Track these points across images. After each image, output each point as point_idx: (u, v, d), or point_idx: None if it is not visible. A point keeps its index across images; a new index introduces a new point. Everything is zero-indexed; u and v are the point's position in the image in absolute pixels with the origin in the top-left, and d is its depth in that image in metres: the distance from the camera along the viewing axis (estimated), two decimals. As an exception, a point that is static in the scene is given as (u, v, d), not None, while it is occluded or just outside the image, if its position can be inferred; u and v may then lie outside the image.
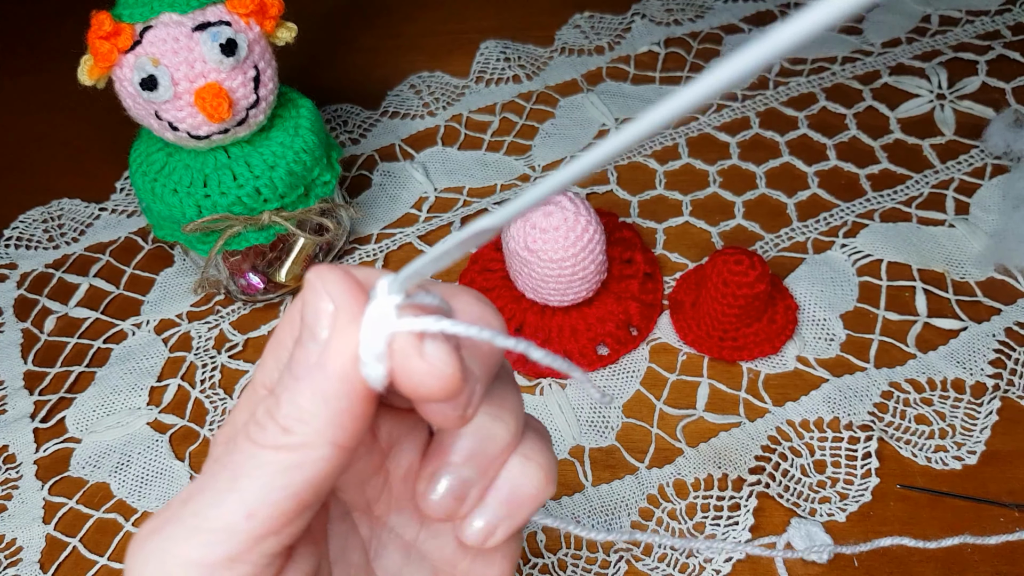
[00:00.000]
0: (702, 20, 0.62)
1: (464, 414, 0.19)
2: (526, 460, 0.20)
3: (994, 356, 0.43)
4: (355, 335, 0.17)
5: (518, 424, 0.20)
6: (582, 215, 0.40)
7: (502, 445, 0.20)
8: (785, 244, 0.49)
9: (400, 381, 0.17)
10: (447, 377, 0.17)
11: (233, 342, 0.47)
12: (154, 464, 0.43)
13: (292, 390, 0.17)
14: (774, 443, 0.41)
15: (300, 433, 0.17)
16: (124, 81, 0.39)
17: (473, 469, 0.20)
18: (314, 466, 0.17)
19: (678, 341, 0.45)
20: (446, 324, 0.17)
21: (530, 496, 0.20)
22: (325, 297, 0.17)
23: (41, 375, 0.47)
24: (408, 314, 0.17)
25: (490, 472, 0.20)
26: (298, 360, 0.17)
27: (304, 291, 0.18)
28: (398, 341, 0.17)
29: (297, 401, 0.17)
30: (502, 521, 0.20)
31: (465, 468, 0.20)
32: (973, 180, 0.51)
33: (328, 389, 0.17)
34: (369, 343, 0.17)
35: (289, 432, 0.17)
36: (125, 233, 0.53)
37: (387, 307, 0.17)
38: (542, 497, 0.21)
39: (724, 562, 0.37)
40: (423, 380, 0.17)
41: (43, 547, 0.40)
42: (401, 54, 0.62)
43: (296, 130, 0.43)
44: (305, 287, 0.18)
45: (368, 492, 0.22)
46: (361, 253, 0.50)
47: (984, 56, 0.57)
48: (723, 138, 0.54)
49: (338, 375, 0.17)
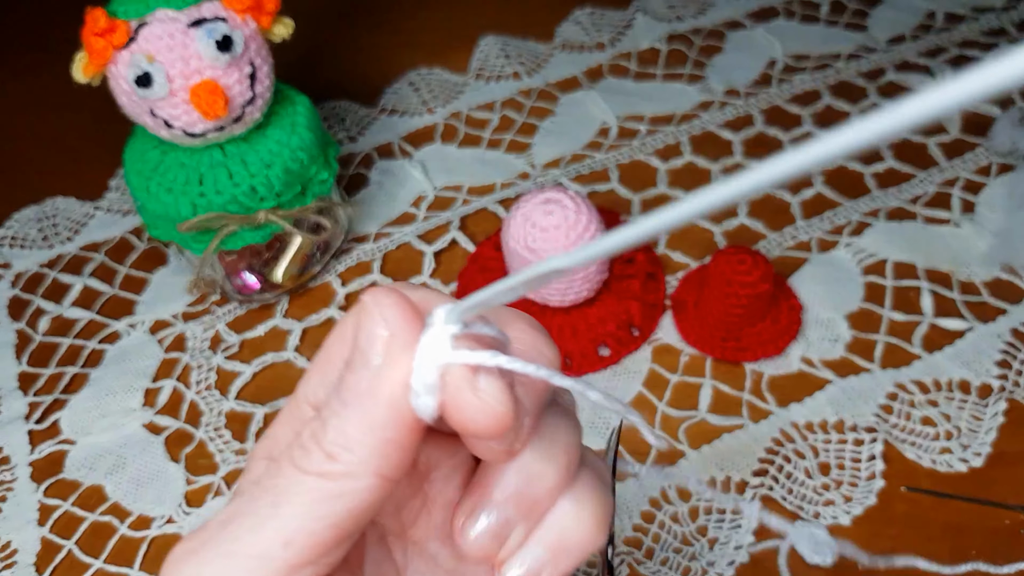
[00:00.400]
0: (704, 16, 0.61)
1: (511, 448, 0.18)
2: (578, 504, 0.19)
3: (1000, 357, 0.42)
4: (408, 364, 0.17)
5: (570, 463, 0.19)
6: (583, 214, 0.39)
7: (550, 485, 0.19)
8: (789, 243, 0.48)
9: (450, 415, 0.17)
10: (499, 415, 0.16)
11: (229, 343, 0.46)
12: (149, 466, 0.42)
13: (340, 416, 0.17)
14: (778, 445, 0.40)
15: (345, 462, 0.17)
16: (119, 78, 0.38)
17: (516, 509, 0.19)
18: (357, 496, 0.17)
19: (680, 341, 0.44)
20: (503, 360, 0.16)
21: (578, 544, 0.19)
22: (380, 322, 0.17)
23: (35, 376, 0.46)
24: (464, 345, 0.17)
25: (535, 514, 0.19)
26: (348, 385, 0.17)
27: (359, 314, 0.17)
28: (452, 374, 0.16)
29: (344, 428, 0.17)
30: (545, 567, 0.19)
31: (507, 507, 0.19)
32: (979, 178, 0.50)
33: (377, 418, 0.17)
34: (422, 373, 0.16)
35: (334, 459, 0.17)
36: (120, 232, 0.52)
37: (443, 337, 0.17)
38: (591, 546, 0.19)
39: (727, 565, 0.37)
40: (475, 417, 0.16)
41: (38, 550, 0.40)
42: (399, 50, 0.61)
43: (293, 128, 0.43)
44: (360, 310, 0.17)
45: (404, 516, 0.21)
46: (359, 252, 0.50)
47: (990, 53, 0.57)
48: (726, 136, 0.54)
49: (388, 404, 0.17)
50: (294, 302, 0.48)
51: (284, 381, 0.45)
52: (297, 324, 0.47)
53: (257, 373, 0.45)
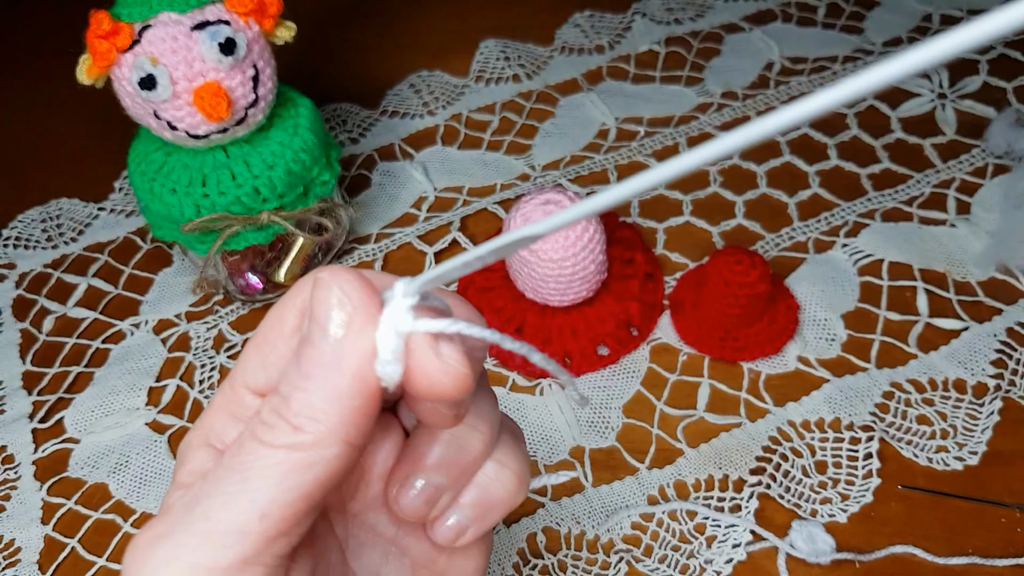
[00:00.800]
0: (703, 19, 0.62)
1: (459, 413, 0.19)
2: (500, 466, 0.21)
3: (995, 356, 0.43)
4: (371, 334, 0.17)
5: (492, 432, 0.21)
6: (582, 215, 0.39)
7: (475, 454, 0.20)
8: (786, 244, 0.48)
9: (415, 380, 0.18)
10: (462, 377, 0.17)
11: (232, 342, 0.47)
12: (153, 465, 0.42)
13: (303, 388, 0.17)
14: (775, 444, 0.40)
15: (312, 431, 0.17)
16: (123, 80, 0.38)
17: (445, 475, 0.20)
18: (326, 464, 0.17)
19: (679, 341, 0.45)
20: (462, 326, 0.17)
21: (501, 501, 0.21)
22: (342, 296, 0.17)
23: (39, 375, 0.47)
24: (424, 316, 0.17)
25: (463, 479, 0.21)
26: (308, 358, 0.17)
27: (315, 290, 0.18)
28: (416, 341, 0.17)
29: (309, 400, 0.17)
30: (473, 523, 0.21)
31: (438, 474, 0.20)
32: (974, 180, 0.51)
33: (342, 387, 0.17)
34: (388, 343, 0.17)
35: (301, 431, 0.17)
36: (124, 233, 0.53)
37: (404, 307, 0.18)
38: (514, 502, 0.21)
39: (725, 563, 0.37)
40: (441, 379, 0.17)
41: (41, 548, 0.40)
42: (400, 53, 0.62)
43: (295, 129, 0.43)
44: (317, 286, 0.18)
45: (343, 491, 0.22)
46: (360, 253, 0.50)
47: (985, 55, 0.57)
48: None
49: (354, 373, 0.17)
50: (296, 302, 0.48)
51: (286, 380, 0.45)
52: (299, 324, 0.47)
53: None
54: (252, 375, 0.20)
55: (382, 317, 0.18)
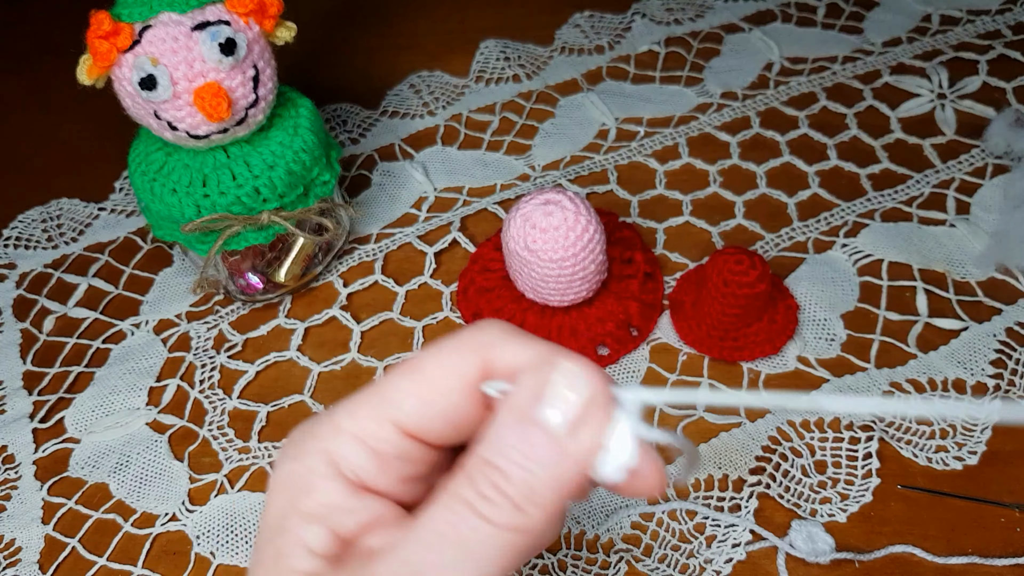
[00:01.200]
0: (702, 19, 0.62)
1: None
2: None
3: (995, 356, 0.43)
4: (601, 436, 0.19)
5: None
6: (582, 215, 0.40)
7: None
8: (786, 244, 0.48)
9: (635, 481, 0.19)
10: (664, 482, 0.20)
11: (232, 342, 0.47)
12: (153, 464, 0.42)
13: (529, 471, 0.18)
14: (774, 443, 0.41)
15: (534, 516, 0.18)
16: (123, 80, 0.39)
17: None
18: (536, 542, 0.19)
19: (678, 341, 0.45)
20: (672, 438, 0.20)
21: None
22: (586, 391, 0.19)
23: (40, 375, 0.47)
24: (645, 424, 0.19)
25: None
26: (539, 443, 0.18)
27: (559, 375, 0.19)
28: (643, 447, 0.19)
29: (535, 485, 0.18)
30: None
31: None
32: (974, 180, 0.51)
33: (570, 479, 0.18)
34: (625, 448, 0.19)
35: (523, 512, 0.18)
36: (124, 233, 0.53)
37: (636, 416, 0.19)
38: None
39: (724, 563, 0.37)
40: (656, 484, 0.19)
41: (42, 547, 0.40)
42: (400, 53, 0.62)
43: (295, 130, 0.43)
44: (561, 373, 0.19)
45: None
46: (360, 253, 0.50)
47: (985, 55, 0.57)
48: (723, 137, 0.54)
49: (583, 469, 0.18)
50: (297, 302, 0.48)
51: (287, 380, 0.45)
52: (300, 324, 0.47)
53: (260, 372, 0.46)
54: (408, 415, 0.20)
55: (622, 422, 0.19)
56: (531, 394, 0.19)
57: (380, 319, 0.47)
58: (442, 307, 0.47)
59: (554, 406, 0.19)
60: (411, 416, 0.20)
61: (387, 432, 0.20)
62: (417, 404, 0.20)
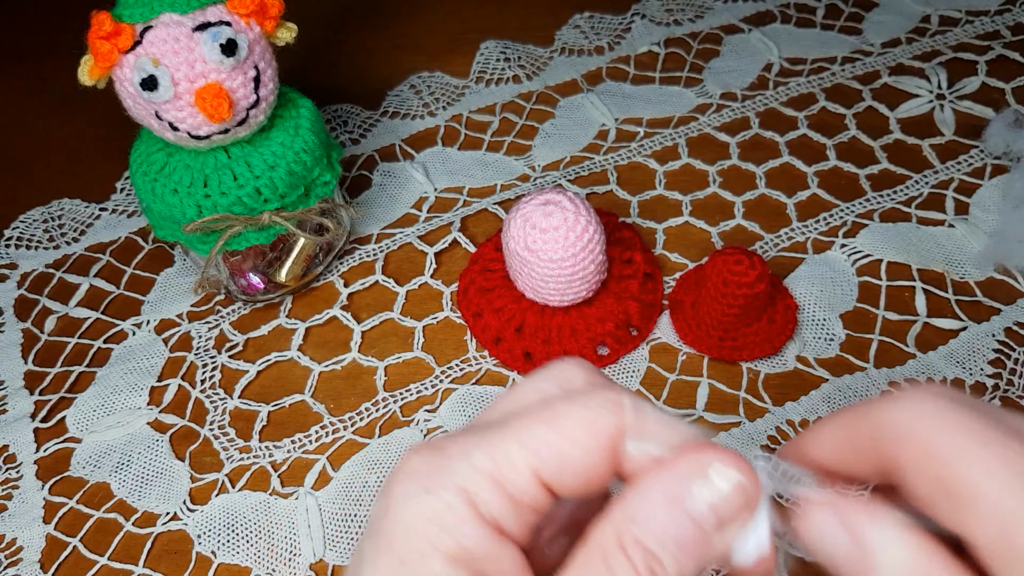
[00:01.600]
0: (702, 20, 0.62)
1: None
2: None
3: (994, 356, 0.43)
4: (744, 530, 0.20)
5: None
6: (582, 215, 0.40)
7: None
8: (785, 244, 0.49)
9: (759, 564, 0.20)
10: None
11: (233, 342, 0.47)
12: (154, 464, 0.43)
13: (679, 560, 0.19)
14: (774, 443, 0.41)
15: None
16: (124, 81, 0.39)
17: None
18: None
19: (678, 341, 0.45)
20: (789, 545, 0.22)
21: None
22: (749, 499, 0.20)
23: (41, 375, 0.47)
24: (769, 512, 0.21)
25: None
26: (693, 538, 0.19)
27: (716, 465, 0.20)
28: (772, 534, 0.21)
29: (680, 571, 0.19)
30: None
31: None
32: (973, 180, 0.51)
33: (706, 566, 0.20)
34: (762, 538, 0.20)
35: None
36: (125, 233, 0.53)
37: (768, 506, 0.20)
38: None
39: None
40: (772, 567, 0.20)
41: (43, 547, 0.40)
42: (401, 54, 0.62)
43: (296, 130, 0.43)
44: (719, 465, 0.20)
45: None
46: (361, 253, 0.50)
47: (984, 56, 0.57)
48: (723, 138, 0.54)
49: (719, 558, 0.20)
50: (298, 302, 0.49)
51: (288, 380, 0.45)
52: (301, 324, 0.47)
53: (261, 372, 0.46)
54: (548, 465, 0.20)
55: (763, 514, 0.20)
56: (685, 477, 0.20)
57: (381, 319, 0.47)
58: (442, 307, 0.48)
59: (707, 497, 0.19)
60: (550, 467, 0.20)
61: (526, 479, 0.20)
62: (557, 455, 0.20)
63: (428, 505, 0.20)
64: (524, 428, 0.20)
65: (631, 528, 0.19)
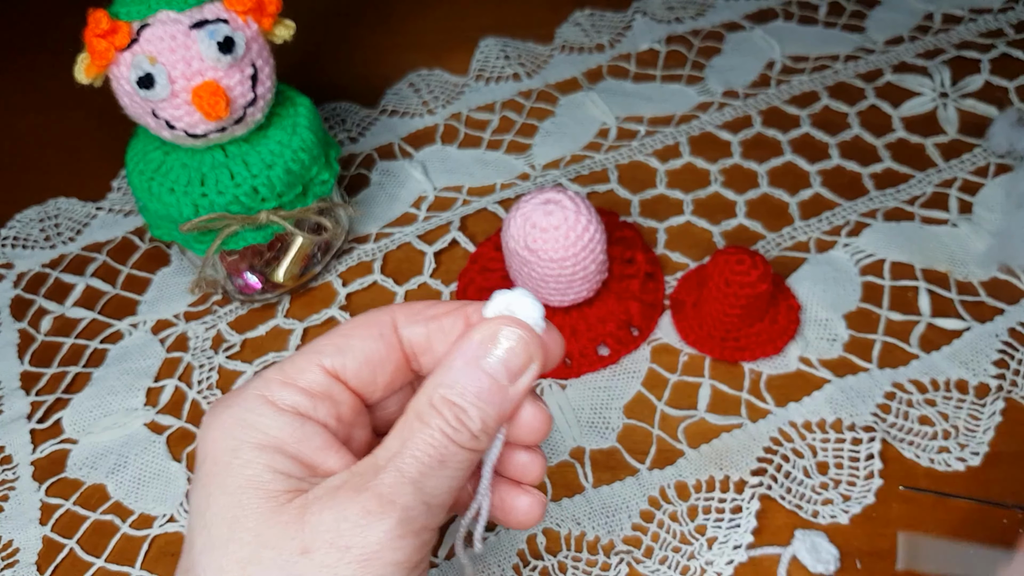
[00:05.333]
0: (703, 17, 0.62)
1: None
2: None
3: (998, 356, 0.43)
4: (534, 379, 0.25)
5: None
6: (582, 214, 0.39)
7: None
8: (787, 243, 0.48)
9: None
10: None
11: (230, 342, 0.47)
12: (151, 465, 0.42)
13: (482, 410, 0.24)
14: (776, 444, 0.40)
15: (483, 440, 0.24)
16: (121, 79, 0.38)
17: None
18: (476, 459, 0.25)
19: (679, 341, 0.44)
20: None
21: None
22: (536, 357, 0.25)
23: (37, 376, 0.46)
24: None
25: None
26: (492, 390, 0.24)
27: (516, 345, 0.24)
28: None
29: (487, 419, 0.24)
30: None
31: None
32: (976, 179, 0.50)
33: (508, 412, 0.25)
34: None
35: (477, 439, 0.24)
36: (122, 232, 0.53)
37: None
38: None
39: (725, 564, 0.37)
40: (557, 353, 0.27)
41: (39, 549, 0.40)
42: (400, 52, 0.62)
43: (294, 129, 0.43)
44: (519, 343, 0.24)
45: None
46: (360, 252, 0.50)
47: (987, 54, 0.57)
48: (725, 136, 0.54)
49: (517, 402, 0.25)
50: (295, 302, 0.48)
51: (285, 381, 0.45)
52: (298, 324, 0.47)
53: (258, 372, 0.45)
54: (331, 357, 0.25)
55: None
56: (479, 343, 0.24)
57: (379, 319, 0.47)
58: (442, 307, 0.47)
59: (498, 354, 0.24)
60: (331, 357, 0.25)
61: (314, 373, 0.25)
62: (335, 348, 0.25)
63: (230, 415, 0.24)
64: (308, 343, 0.26)
65: (439, 390, 0.24)
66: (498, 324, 0.24)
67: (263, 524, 0.22)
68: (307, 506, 0.22)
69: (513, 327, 0.24)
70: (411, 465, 0.23)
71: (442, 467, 0.23)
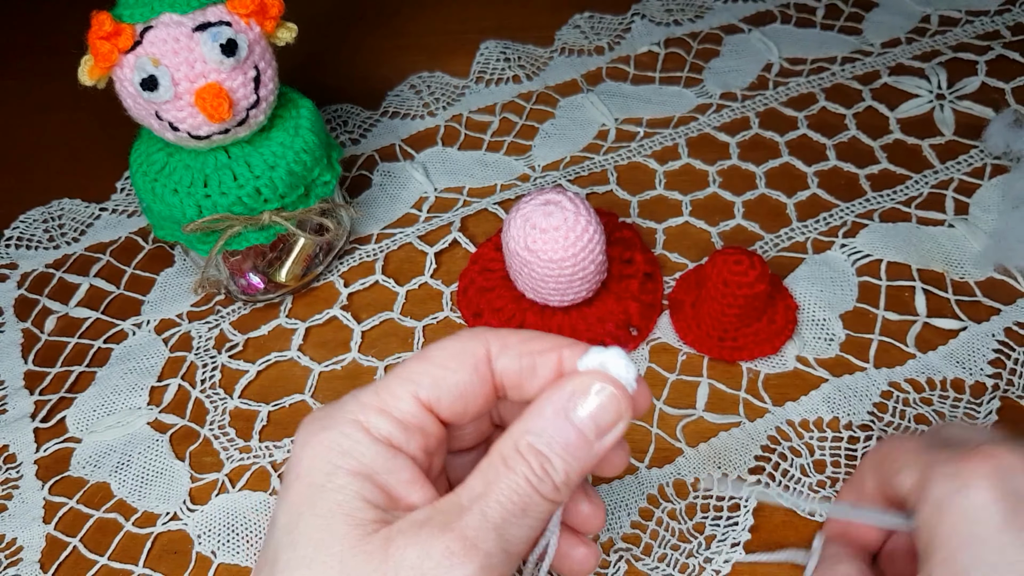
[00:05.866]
0: (702, 20, 0.62)
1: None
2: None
3: (993, 356, 0.43)
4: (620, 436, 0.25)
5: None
6: (582, 215, 0.40)
7: None
8: (785, 244, 0.49)
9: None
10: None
11: (233, 342, 0.47)
12: (154, 464, 0.43)
13: (568, 463, 0.24)
14: (774, 443, 0.41)
15: (564, 493, 0.24)
16: (124, 81, 0.39)
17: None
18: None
19: (678, 341, 0.45)
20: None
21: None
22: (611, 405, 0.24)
23: (41, 375, 0.47)
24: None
25: None
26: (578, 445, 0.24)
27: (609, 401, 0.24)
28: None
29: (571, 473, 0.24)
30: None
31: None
32: (973, 180, 0.51)
33: (590, 468, 0.25)
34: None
35: (559, 490, 0.24)
36: (125, 233, 0.53)
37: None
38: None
39: (723, 562, 0.37)
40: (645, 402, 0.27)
41: (43, 547, 0.40)
42: (401, 54, 0.62)
43: (296, 130, 0.43)
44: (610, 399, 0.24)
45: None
46: (361, 253, 0.50)
47: (984, 56, 0.57)
48: (723, 138, 0.54)
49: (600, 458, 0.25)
50: (298, 302, 0.49)
51: (288, 380, 0.45)
52: (301, 324, 0.47)
53: (261, 372, 0.46)
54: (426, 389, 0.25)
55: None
56: (571, 394, 0.24)
57: (381, 319, 0.47)
58: (442, 307, 0.48)
59: (588, 409, 0.24)
60: (428, 390, 0.25)
61: (409, 404, 0.25)
62: (431, 380, 0.25)
63: (327, 437, 0.24)
64: (402, 367, 0.26)
65: (526, 436, 0.24)
66: (592, 378, 0.24)
67: (348, 551, 0.22)
68: (391, 539, 0.23)
69: (606, 383, 0.24)
70: (495, 510, 0.23)
71: (524, 515, 0.23)
